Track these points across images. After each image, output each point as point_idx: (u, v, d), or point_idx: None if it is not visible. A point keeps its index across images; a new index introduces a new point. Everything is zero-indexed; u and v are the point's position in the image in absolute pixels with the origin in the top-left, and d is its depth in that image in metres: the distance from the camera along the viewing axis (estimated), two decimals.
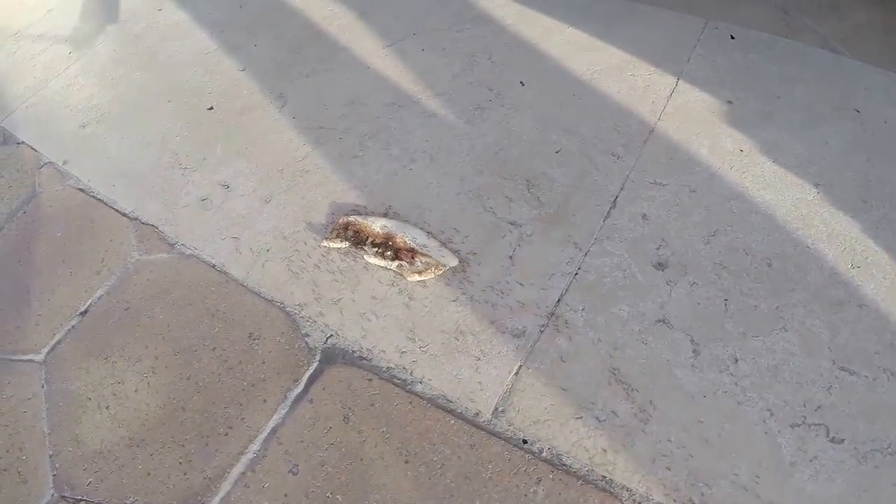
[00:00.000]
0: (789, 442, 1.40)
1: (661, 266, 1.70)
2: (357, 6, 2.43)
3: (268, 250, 1.76)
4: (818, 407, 1.45)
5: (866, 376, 1.49)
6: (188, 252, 1.83)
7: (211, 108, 2.16)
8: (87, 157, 2.17)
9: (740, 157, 1.90)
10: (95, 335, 1.78)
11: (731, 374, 1.52)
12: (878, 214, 1.72)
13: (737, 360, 1.54)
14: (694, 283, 1.66)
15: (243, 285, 1.72)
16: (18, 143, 2.33)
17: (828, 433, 1.43)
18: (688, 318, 1.60)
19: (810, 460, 1.40)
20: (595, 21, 2.26)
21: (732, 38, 2.26)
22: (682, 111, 1.99)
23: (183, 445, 1.54)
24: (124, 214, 1.99)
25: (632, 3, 2.35)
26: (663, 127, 1.95)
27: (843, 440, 1.42)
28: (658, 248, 1.71)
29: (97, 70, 2.43)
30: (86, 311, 1.84)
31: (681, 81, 2.08)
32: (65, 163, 2.19)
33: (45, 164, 2.23)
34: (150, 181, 2.02)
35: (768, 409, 1.46)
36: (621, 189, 1.80)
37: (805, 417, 1.44)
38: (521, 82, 2.04)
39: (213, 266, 1.78)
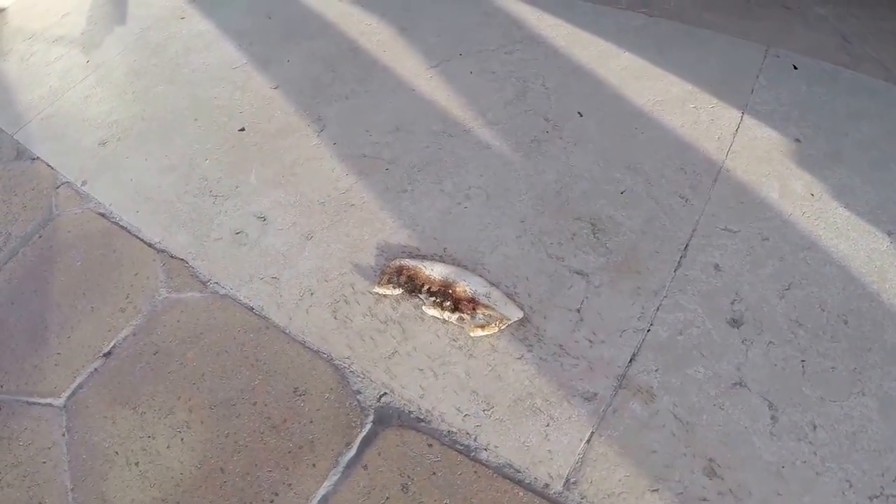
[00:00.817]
0: None
1: (736, 323, 1.59)
2: (396, 21, 2.28)
3: (311, 294, 1.62)
4: None
5: None
6: (222, 292, 1.69)
7: (242, 130, 2.01)
8: (107, 177, 2.02)
9: (811, 201, 1.79)
10: (121, 381, 1.64)
11: (810, 442, 1.42)
12: None
13: (815, 427, 1.44)
14: (770, 342, 1.55)
15: (285, 332, 1.59)
16: (33, 159, 2.18)
17: None
18: (765, 380, 1.50)
19: None
20: (651, 45, 2.14)
21: (795, 68, 2.15)
22: (750, 149, 1.87)
23: None
24: (150, 245, 1.84)
25: (687, 26, 2.23)
26: (731, 166, 1.83)
27: None
28: (732, 303, 1.60)
29: (117, 81, 2.27)
30: (109, 353, 1.70)
31: (746, 115, 1.96)
32: (83, 183, 2.04)
33: (62, 183, 2.08)
34: (177, 209, 1.87)
35: (847, 480, 1.36)
36: (691, 236, 1.68)
37: (883, 488, 1.34)
38: (578, 113, 1.92)
39: (251, 309, 1.64)
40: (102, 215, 1.96)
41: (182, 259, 1.78)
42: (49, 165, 2.14)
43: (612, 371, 1.47)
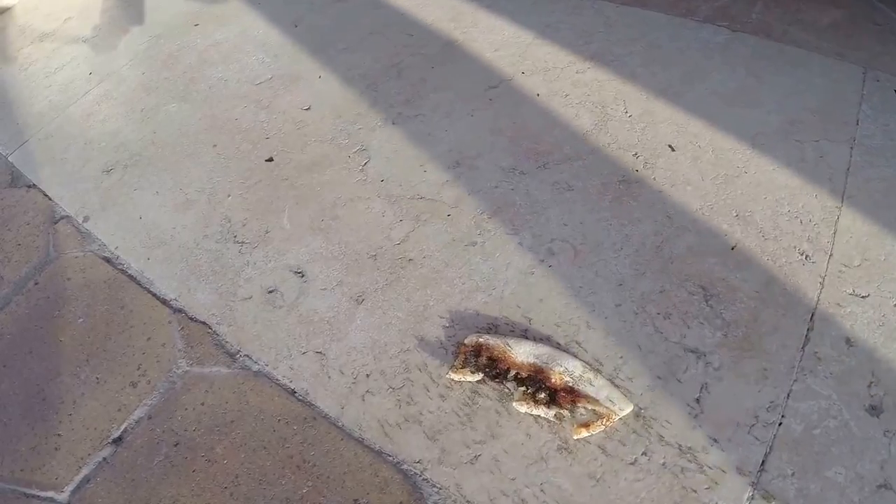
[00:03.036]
0: None
1: (875, 411, 1.29)
2: (443, 32, 1.93)
3: (367, 375, 1.29)
4: None
5: None
6: (255, 367, 1.36)
7: (270, 160, 1.66)
8: (113, 213, 1.67)
9: None
10: (136, 477, 1.31)
11: None
12: None
13: None
14: None
15: (337, 426, 1.26)
16: (29, 186, 1.82)
17: None
18: None
19: None
20: (739, 65, 1.81)
21: None
22: (866, 193, 1.56)
23: None
24: (165, 302, 1.50)
25: (775, 43, 1.90)
26: (849, 215, 1.52)
27: None
28: (869, 387, 1.30)
29: (124, 97, 1.91)
30: (120, 439, 1.37)
31: (855, 151, 1.65)
32: (85, 219, 1.68)
33: (62, 217, 1.72)
34: (196, 257, 1.53)
35: None
36: (817, 303, 1.37)
37: None
38: (670, 146, 1.59)
39: (293, 392, 1.31)
40: (107, 260, 1.61)
41: (204, 322, 1.44)
42: (46, 195, 1.78)
43: (743, 479, 1.17)
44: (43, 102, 1.99)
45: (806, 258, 1.44)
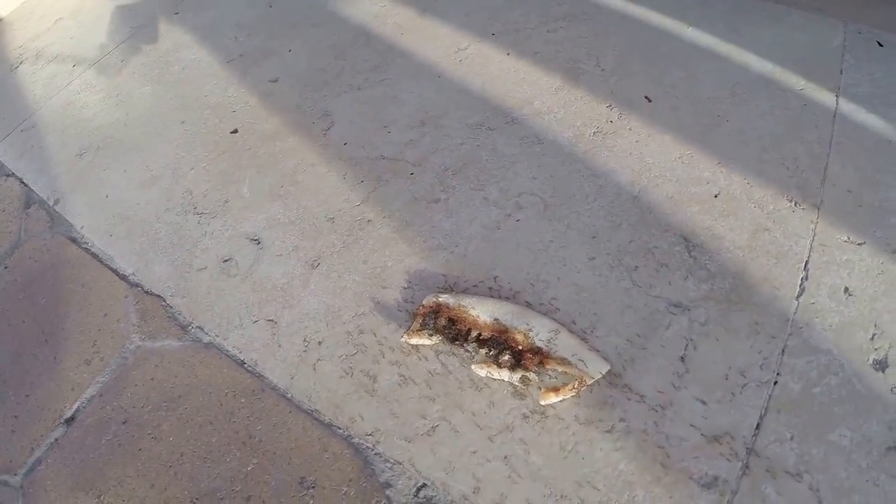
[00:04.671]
0: None
1: (880, 365, 1.03)
2: (415, 1, 1.70)
3: (319, 343, 1.06)
4: None
5: None
6: (206, 339, 1.14)
7: (235, 132, 1.45)
8: (82, 194, 1.47)
9: None
10: (84, 458, 1.10)
11: None
12: None
13: None
14: None
15: (286, 397, 1.03)
16: (7, 175, 1.64)
17: None
18: None
19: None
20: (719, 21, 1.55)
21: (880, 45, 1.56)
22: (855, 139, 1.30)
23: None
24: (123, 277, 1.29)
25: (756, 0, 1.63)
26: (838, 161, 1.25)
27: None
28: (872, 339, 1.03)
29: (103, 85, 1.72)
30: (72, 419, 1.16)
31: (841, 99, 1.38)
32: (56, 202, 1.49)
33: (35, 202, 1.53)
34: (156, 231, 1.32)
35: None
36: (810, 251, 1.11)
37: None
38: (646, 98, 1.33)
39: (243, 363, 1.09)
40: (73, 240, 1.41)
41: (159, 295, 1.23)
42: (23, 182, 1.59)
43: (735, 444, 0.91)
44: (28, 97, 1.81)
45: (795, 205, 1.17)
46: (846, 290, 1.09)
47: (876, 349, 1.03)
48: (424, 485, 0.91)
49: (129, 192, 1.43)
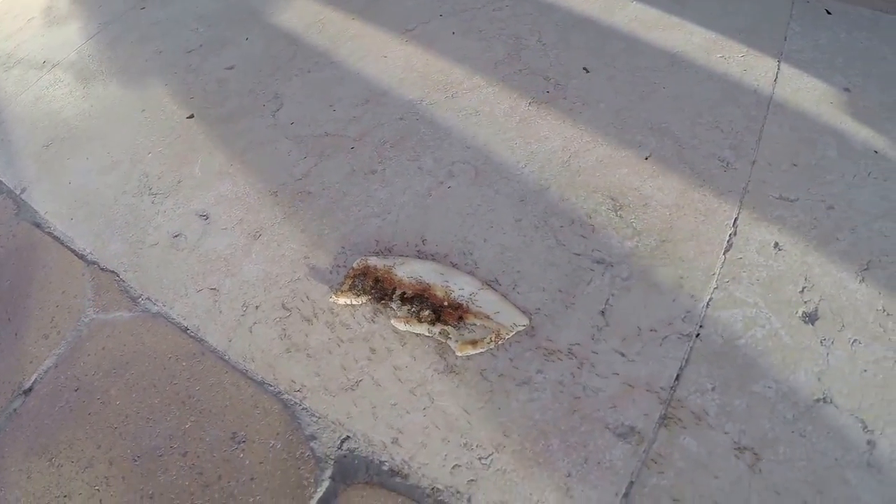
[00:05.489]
0: None
1: (809, 318, 1.06)
2: None
3: (256, 307, 1.12)
4: None
5: None
6: (154, 309, 1.20)
7: (191, 117, 1.52)
8: (46, 183, 1.55)
9: (876, 160, 1.26)
10: (39, 425, 1.17)
11: None
12: None
13: None
14: (855, 340, 1.03)
15: (224, 359, 1.09)
16: None
17: None
18: (855, 392, 0.98)
19: None
20: None
21: (828, 13, 1.60)
22: (794, 102, 1.33)
23: None
24: (81, 256, 1.36)
25: None
26: (776, 122, 1.29)
27: None
28: (802, 292, 1.07)
29: (71, 80, 1.81)
30: (30, 390, 1.23)
31: (783, 64, 1.42)
32: (22, 191, 1.57)
33: (3, 193, 1.62)
34: (113, 212, 1.40)
35: None
36: (740, 208, 1.15)
37: None
38: (584, 69, 1.38)
39: (186, 329, 1.15)
40: (37, 225, 1.49)
41: (113, 271, 1.30)
42: None
43: (653, 394, 0.95)
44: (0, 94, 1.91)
45: (727, 165, 1.21)
46: (776, 245, 1.12)
47: (806, 302, 1.06)
48: (347, 437, 0.96)
49: (91, 178, 1.51)
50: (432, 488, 0.90)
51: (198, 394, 1.09)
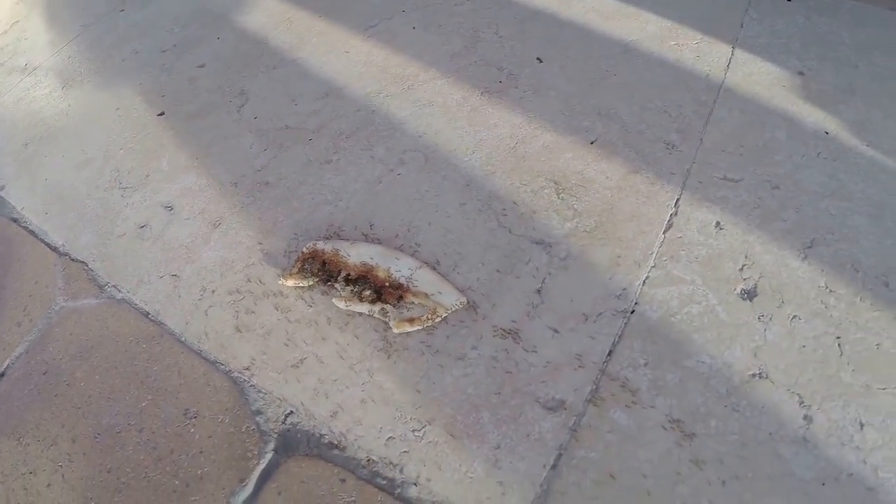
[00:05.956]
0: None
1: (748, 295, 1.10)
2: None
3: (213, 292, 1.19)
4: None
5: None
6: (119, 296, 1.27)
7: (161, 114, 1.60)
8: (24, 180, 1.63)
9: (826, 140, 1.29)
10: (9, 407, 1.24)
11: (857, 446, 0.95)
12: None
13: (862, 426, 0.97)
14: (795, 316, 1.07)
15: (181, 341, 1.16)
16: None
17: None
18: (792, 368, 1.01)
19: None
20: None
21: (789, 0, 1.63)
22: (746, 86, 1.37)
23: None
24: (54, 249, 1.44)
25: None
26: (725, 106, 1.33)
27: None
28: (741, 269, 1.11)
29: (51, 80, 1.90)
30: (2, 375, 1.30)
31: (737, 50, 1.46)
32: (2, 188, 1.65)
33: None
34: (86, 206, 1.47)
35: None
36: (682, 189, 1.19)
37: None
38: (537, 58, 1.44)
39: (147, 314, 1.22)
40: (14, 221, 1.57)
41: (83, 261, 1.37)
42: None
43: (584, 370, 0.99)
44: None
45: (673, 148, 1.25)
46: (717, 224, 1.16)
47: (745, 279, 1.11)
48: (291, 412, 1.02)
49: (66, 175, 1.59)
50: (367, 459, 0.95)
51: (155, 374, 1.15)
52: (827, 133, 1.31)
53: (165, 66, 1.77)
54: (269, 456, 0.99)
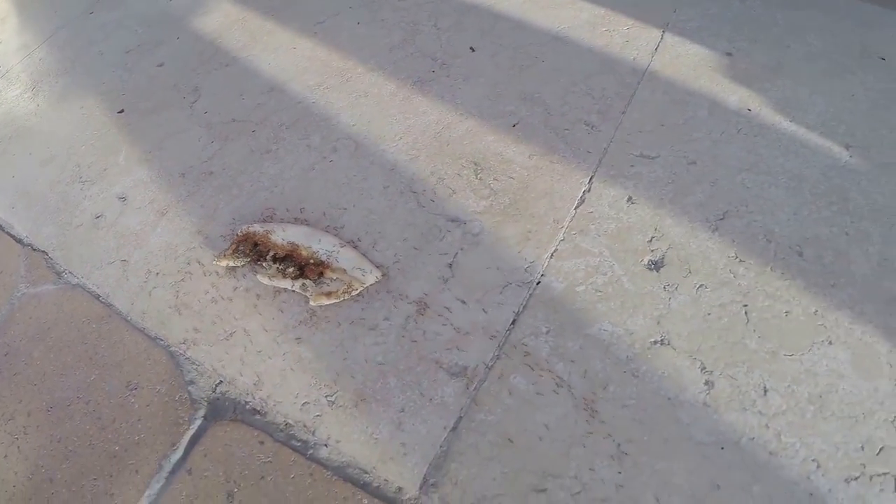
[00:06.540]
0: None
1: (655, 265, 1.17)
2: None
3: (157, 274, 1.29)
4: (881, 449, 0.95)
5: None
6: (74, 281, 1.39)
7: (122, 111, 1.72)
8: None
9: (749, 117, 1.36)
10: None
11: (760, 411, 1.01)
12: None
13: (766, 391, 1.03)
14: (701, 285, 1.14)
15: (127, 320, 1.27)
16: None
17: None
18: (695, 335, 1.08)
19: None
20: None
21: None
22: (672, 68, 1.44)
23: None
24: (18, 240, 1.56)
25: None
26: (649, 87, 1.40)
27: None
28: (650, 241, 1.18)
29: (23, 81, 2.03)
30: None
31: (667, 34, 1.54)
32: None
33: None
34: (48, 200, 1.59)
35: (813, 459, 0.96)
36: (598, 166, 1.27)
37: (865, 466, 0.94)
38: (471, 48, 1.52)
39: (98, 297, 1.33)
40: None
41: (43, 251, 1.49)
42: None
43: (488, 338, 1.08)
44: None
45: (592, 128, 1.34)
46: (630, 199, 1.24)
47: (653, 251, 1.18)
48: (221, 381, 1.13)
49: (32, 171, 1.71)
50: (285, 423, 1.05)
51: (103, 351, 1.26)
52: (750, 110, 1.38)
53: (128, 66, 1.89)
54: (198, 422, 1.10)
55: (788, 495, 0.91)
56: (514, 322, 1.09)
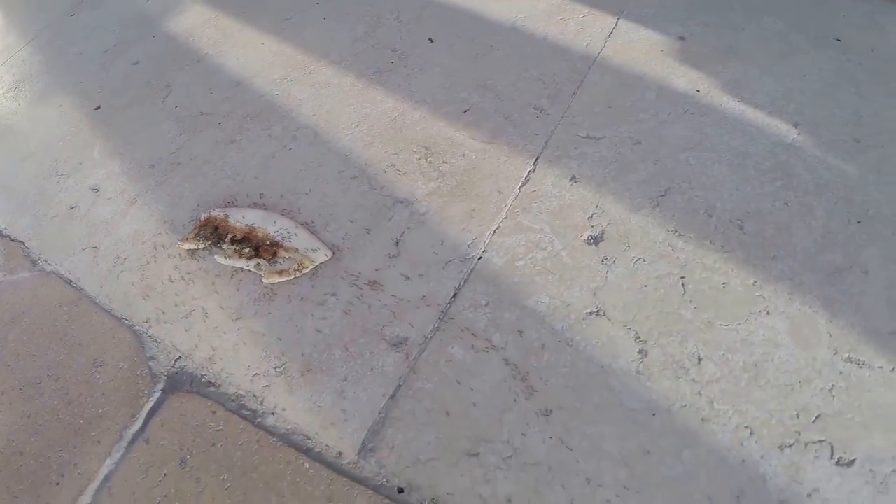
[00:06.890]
0: (778, 470, 0.92)
1: (594, 240, 1.23)
2: None
3: (125, 259, 1.37)
4: (817, 417, 0.98)
5: (881, 367, 1.00)
6: (49, 269, 1.47)
7: (98, 108, 1.80)
8: None
9: (697, 98, 1.42)
10: None
11: (693, 379, 1.06)
12: (876, 155, 1.21)
13: (700, 360, 1.08)
14: (639, 258, 1.20)
15: (95, 302, 1.34)
16: None
17: (832, 453, 0.96)
18: (631, 306, 1.14)
19: (809, 495, 0.93)
20: None
21: None
22: (623, 53, 1.50)
23: (17, 497, 1.18)
24: None
25: None
26: (599, 72, 1.47)
27: (853, 461, 0.95)
28: (591, 218, 1.24)
29: (6, 82, 2.13)
30: None
31: (621, 21, 1.60)
32: None
33: None
34: (27, 193, 1.68)
35: (747, 427, 1.00)
36: (544, 148, 1.34)
37: (800, 434, 0.98)
38: (429, 39, 1.60)
39: (70, 282, 1.41)
40: None
41: (21, 241, 1.57)
42: None
43: (428, 310, 1.15)
44: None
45: (541, 111, 1.40)
46: (573, 177, 1.30)
47: (593, 226, 1.24)
48: (179, 357, 1.20)
49: (12, 167, 1.80)
50: (236, 394, 1.12)
51: (72, 332, 1.34)
52: (699, 91, 1.44)
53: (105, 65, 1.98)
54: (157, 395, 1.17)
55: (719, 461, 0.96)
56: (454, 296, 1.16)
